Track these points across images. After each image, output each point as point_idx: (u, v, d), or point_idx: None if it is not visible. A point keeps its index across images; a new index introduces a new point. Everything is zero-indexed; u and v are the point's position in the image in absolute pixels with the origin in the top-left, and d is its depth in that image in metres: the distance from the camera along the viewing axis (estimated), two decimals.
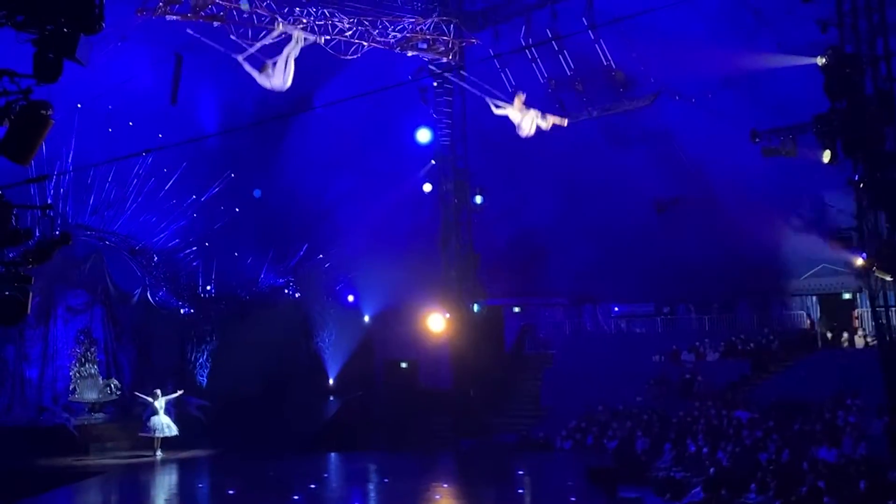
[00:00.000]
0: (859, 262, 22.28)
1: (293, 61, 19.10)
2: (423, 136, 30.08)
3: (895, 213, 19.11)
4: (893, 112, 19.39)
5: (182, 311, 30.97)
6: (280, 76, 18.95)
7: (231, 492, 19.90)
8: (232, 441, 26.52)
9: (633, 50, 24.60)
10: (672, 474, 20.73)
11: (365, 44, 24.15)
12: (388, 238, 31.24)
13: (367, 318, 33.63)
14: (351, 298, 33.89)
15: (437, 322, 29.45)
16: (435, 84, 28.91)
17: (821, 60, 19.37)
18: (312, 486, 20.68)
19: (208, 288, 32.13)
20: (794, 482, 16.83)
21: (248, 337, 29.96)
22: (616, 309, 34.57)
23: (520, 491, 20.22)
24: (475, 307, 29.74)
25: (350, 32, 23.70)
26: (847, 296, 28.60)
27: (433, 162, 29.98)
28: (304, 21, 22.76)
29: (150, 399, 25.56)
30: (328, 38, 23.20)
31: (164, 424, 25.41)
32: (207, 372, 30.57)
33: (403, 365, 32.97)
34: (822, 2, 20.85)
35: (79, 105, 25.79)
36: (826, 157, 19.83)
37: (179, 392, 26.64)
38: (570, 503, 17.55)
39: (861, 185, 19.45)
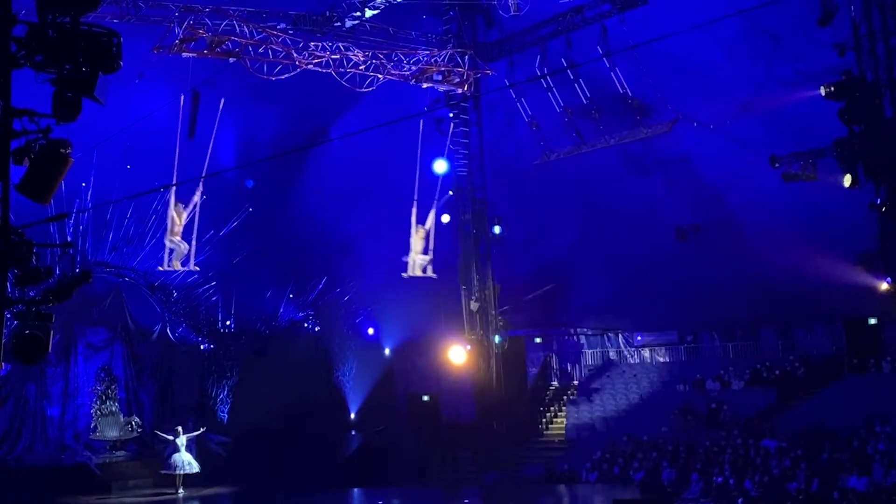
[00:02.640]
0: (884, 286, 22.01)
1: None
2: (440, 167, 30.04)
3: None
4: None
5: (202, 346, 30.93)
6: None
7: None
8: (254, 477, 26.37)
9: (649, 77, 24.55)
10: None
11: (380, 76, 24.21)
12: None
13: (387, 351, 33.46)
14: (371, 331, 33.74)
15: (458, 354, 29.25)
16: (451, 115, 28.94)
17: (824, 90, 19.27)
18: None
19: (228, 323, 32.07)
20: None
21: (268, 372, 29.88)
22: (639, 338, 34.23)
23: None
24: (496, 338, 29.54)
25: (365, 66, 23.78)
26: (873, 321, 28.19)
27: (451, 193, 29.89)
28: (319, 56, 22.87)
29: (170, 437, 25.48)
30: (343, 71, 23.30)
31: (186, 461, 25.27)
32: (228, 407, 30.46)
33: (425, 398, 32.70)
34: (839, 26, 20.79)
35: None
36: (847, 181, 19.68)
37: (202, 430, 26.54)
38: None
39: (884, 209, 19.26)
